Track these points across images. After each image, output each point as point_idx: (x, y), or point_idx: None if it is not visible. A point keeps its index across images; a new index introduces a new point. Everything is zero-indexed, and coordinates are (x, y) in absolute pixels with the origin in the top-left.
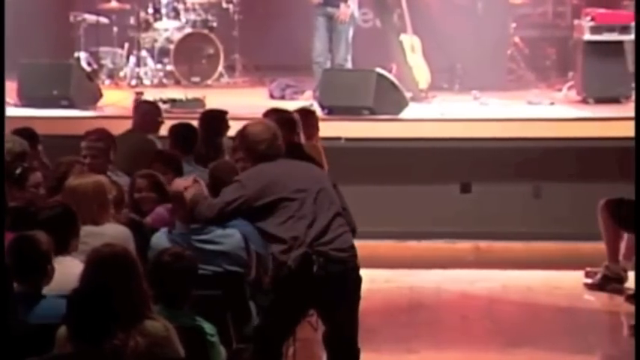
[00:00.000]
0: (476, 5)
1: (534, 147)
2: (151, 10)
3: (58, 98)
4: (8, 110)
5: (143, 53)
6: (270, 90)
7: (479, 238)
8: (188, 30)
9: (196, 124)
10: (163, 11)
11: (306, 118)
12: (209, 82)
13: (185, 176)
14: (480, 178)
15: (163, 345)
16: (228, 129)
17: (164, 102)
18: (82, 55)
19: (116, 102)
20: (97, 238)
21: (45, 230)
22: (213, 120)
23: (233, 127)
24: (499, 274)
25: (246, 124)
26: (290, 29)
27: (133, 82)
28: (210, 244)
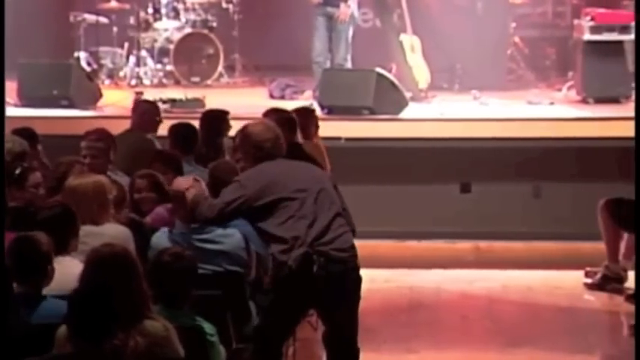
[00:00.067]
0: (476, 5)
1: (534, 147)
2: (150, 10)
3: (57, 98)
4: (8, 110)
5: (143, 53)
6: (270, 90)
7: (479, 238)
8: (188, 30)
9: (196, 124)
10: (163, 11)
11: (306, 116)
12: (209, 82)
13: (185, 176)
14: (480, 178)
15: (163, 345)
16: (229, 129)
17: (164, 102)
18: (82, 55)
19: (116, 102)
20: (97, 238)
21: (44, 230)
22: (215, 120)
23: (233, 127)
24: (499, 274)
25: (247, 124)
26: (290, 29)
27: (133, 82)
28: (211, 244)
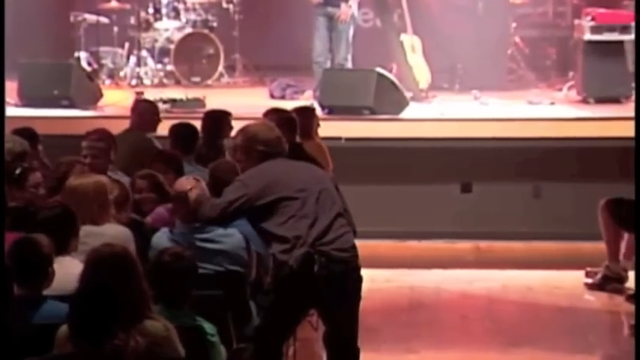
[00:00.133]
0: (476, 5)
1: (534, 147)
2: (151, 9)
3: (58, 98)
4: (8, 110)
5: (143, 53)
6: (270, 90)
7: (479, 238)
8: (188, 30)
9: (197, 123)
10: (164, 11)
11: (306, 116)
12: (209, 82)
13: (186, 176)
14: (480, 178)
15: (163, 345)
16: (231, 130)
17: (164, 102)
18: (83, 54)
19: (116, 102)
20: (97, 238)
21: (44, 230)
22: (217, 121)
23: (234, 128)
24: (499, 274)
25: (248, 124)
26: (290, 29)
27: (134, 82)
28: (211, 243)
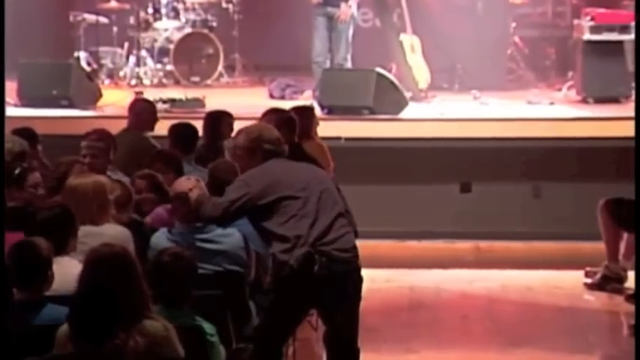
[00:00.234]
0: (476, 5)
1: (534, 147)
2: (150, 9)
3: (57, 98)
4: (8, 110)
5: (143, 53)
6: (269, 90)
7: (479, 238)
8: (188, 30)
9: (196, 123)
10: (163, 11)
11: (306, 116)
12: (209, 81)
13: (186, 176)
14: (480, 178)
15: (163, 345)
16: (231, 131)
17: (164, 102)
18: (82, 54)
19: (116, 102)
20: (96, 238)
21: (43, 231)
22: (218, 122)
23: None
24: (499, 274)
25: (248, 125)
26: (290, 29)
27: (133, 82)
28: (210, 244)
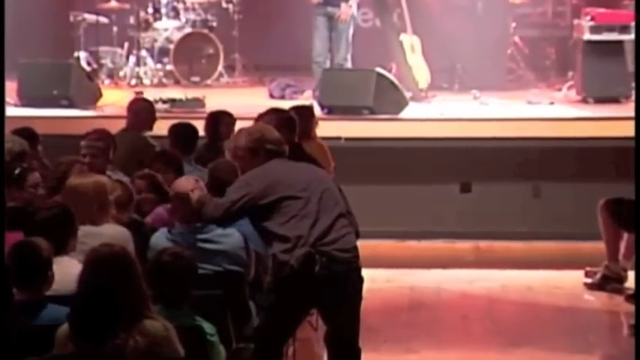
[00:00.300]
0: (476, 5)
1: (534, 147)
2: (150, 9)
3: (57, 98)
4: (8, 110)
5: (143, 53)
6: (269, 90)
7: (479, 237)
8: (188, 30)
9: (196, 123)
10: (163, 11)
11: (305, 115)
12: (209, 81)
13: (186, 176)
14: (480, 178)
15: (163, 345)
16: (232, 132)
17: (164, 102)
18: (82, 54)
19: (116, 102)
20: (96, 238)
21: (42, 231)
22: (218, 123)
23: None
24: (499, 274)
25: (247, 126)
26: (290, 29)
27: (133, 82)
28: (210, 244)
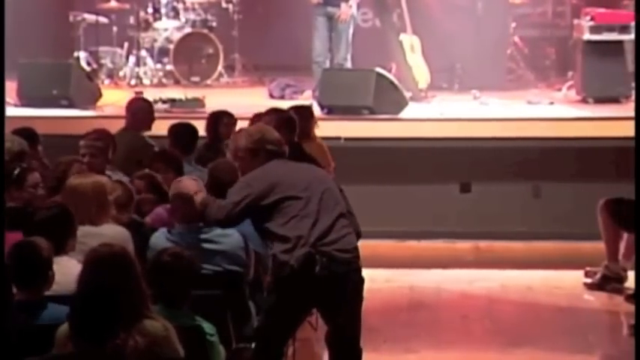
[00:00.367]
0: (475, 5)
1: (534, 147)
2: (150, 9)
3: (57, 98)
4: (8, 110)
5: (143, 53)
6: (269, 90)
7: (479, 237)
8: (188, 30)
9: (196, 123)
10: (163, 11)
11: (303, 115)
12: (209, 81)
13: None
14: (480, 178)
15: (163, 345)
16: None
17: (164, 102)
18: (82, 54)
19: (116, 102)
20: (95, 238)
21: (41, 231)
22: (219, 123)
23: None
24: (499, 274)
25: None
26: (290, 29)
27: (133, 82)
28: (210, 244)
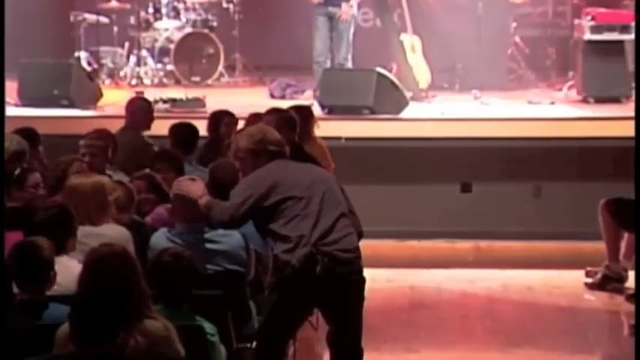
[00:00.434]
0: (476, 5)
1: (534, 147)
2: (151, 9)
3: (58, 98)
4: (8, 110)
5: (143, 53)
6: (270, 89)
7: (479, 237)
8: (188, 29)
9: (197, 123)
10: (163, 11)
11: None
12: (209, 81)
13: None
14: (481, 178)
15: (163, 344)
16: (232, 132)
17: (164, 101)
18: (83, 54)
19: (116, 101)
20: (96, 238)
21: (41, 231)
22: (220, 123)
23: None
24: (499, 274)
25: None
26: (290, 29)
27: (134, 82)
28: (210, 243)
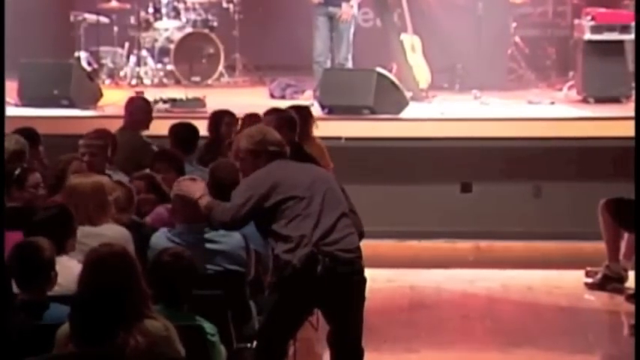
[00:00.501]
0: (476, 5)
1: (534, 147)
2: (151, 9)
3: (58, 98)
4: (9, 110)
5: (143, 53)
6: (270, 90)
7: (479, 237)
8: (188, 29)
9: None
10: (164, 11)
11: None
12: (209, 81)
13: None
14: (480, 178)
15: (163, 344)
16: (232, 132)
17: (164, 101)
18: (83, 54)
19: (116, 101)
20: (95, 239)
21: (41, 231)
22: (220, 123)
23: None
24: (499, 274)
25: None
26: (290, 29)
27: (134, 82)
28: (211, 243)
